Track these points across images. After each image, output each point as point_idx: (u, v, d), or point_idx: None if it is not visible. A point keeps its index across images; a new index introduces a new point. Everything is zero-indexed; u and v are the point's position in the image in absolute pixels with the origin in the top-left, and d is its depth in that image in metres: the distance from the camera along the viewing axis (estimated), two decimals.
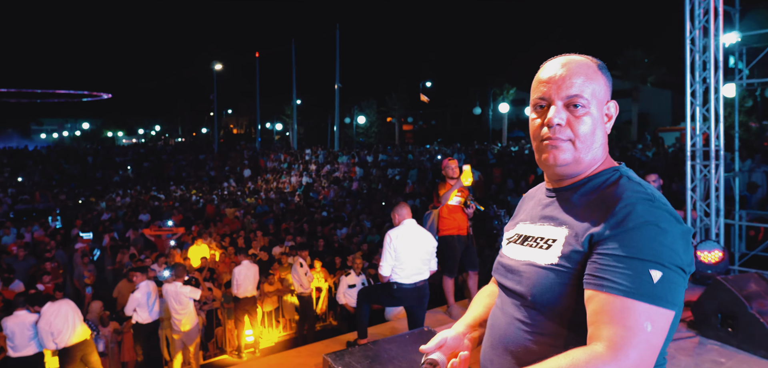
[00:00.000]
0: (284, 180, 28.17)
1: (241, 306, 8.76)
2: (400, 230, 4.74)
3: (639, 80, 27.94)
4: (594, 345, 1.07)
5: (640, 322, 1.05)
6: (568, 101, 1.25)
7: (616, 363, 1.03)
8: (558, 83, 1.26)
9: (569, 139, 1.25)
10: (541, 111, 1.29)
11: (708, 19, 5.67)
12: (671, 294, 1.07)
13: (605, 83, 1.29)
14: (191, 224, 15.67)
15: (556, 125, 1.24)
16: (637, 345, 1.04)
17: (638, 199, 1.13)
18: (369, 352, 3.63)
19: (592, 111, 1.25)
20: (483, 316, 1.52)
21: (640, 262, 1.07)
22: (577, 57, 1.30)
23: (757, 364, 3.56)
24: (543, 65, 1.34)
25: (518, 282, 1.28)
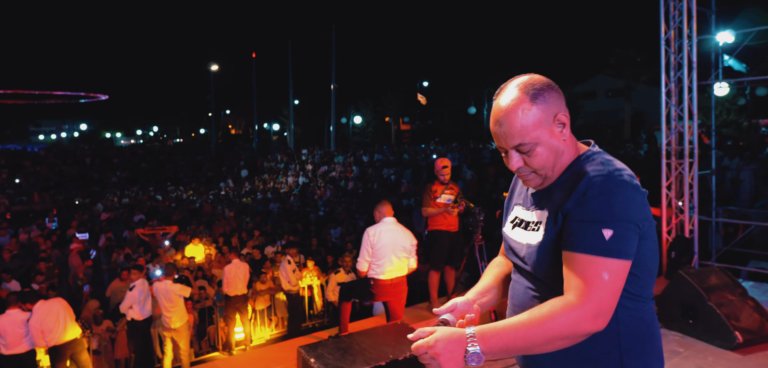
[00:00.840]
0: (281, 180, 28.29)
1: (232, 304, 8.90)
2: (378, 227, 4.88)
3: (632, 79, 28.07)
4: (566, 295, 1.33)
5: (598, 272, 1.30)
6: (516, 149, 1.45)
7: (582, 307, 1.29)
8: (502, 138, 1.46)
9: (532, 172, 1.48)
10: (505, 155, 1.51)
11: (682, 20, 5.81)
12: (622, 247, 1.32)
13: (543, 108, 1.43)
14: (187, 224, 15.80)
15: (516, 170, 1.50)
16: (597, 290, 1.30)
17: (596, 174, 1.37)
18: (342, 344, 3.78)
19: (541, 140, 1.43)
20: (491, 285, 1.73)
21: (595, 224, 1.32)
22: (510, 97, 1.44)
23: (712, 353, 3.71)
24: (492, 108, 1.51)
25: (522, 259, 1.54)
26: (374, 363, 3.50)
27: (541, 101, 1.43)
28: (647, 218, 1.38)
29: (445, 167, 5.85)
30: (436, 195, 5.82)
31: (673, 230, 5.93)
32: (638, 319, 1.43)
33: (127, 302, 7.80)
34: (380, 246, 4.77)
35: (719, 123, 20.67)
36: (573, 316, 1.29)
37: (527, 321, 1.33)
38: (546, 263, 1.44)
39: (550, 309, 1.32)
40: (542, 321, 1.31)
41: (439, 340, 1.34)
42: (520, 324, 1.33)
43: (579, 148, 1.52)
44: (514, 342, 1.32)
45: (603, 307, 1.30)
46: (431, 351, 1.33)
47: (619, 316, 1.39)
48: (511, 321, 1.35)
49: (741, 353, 3.70)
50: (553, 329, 1.30)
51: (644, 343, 1.44)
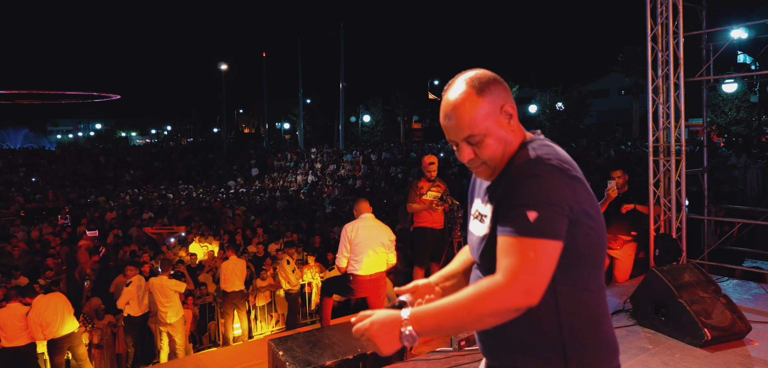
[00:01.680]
0: (290, 179, 28.49)
1: (229, 300, 9.02)
2: (356, 223, 4.94)
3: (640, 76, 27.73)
4: (494, 276, 1.36)
5: (524, 252, 1.33)
6: (466, 141, 1.50)
7: (508, 286, 1.33)
8: (452, 131, 1.51)
9: (482, 163, 1.52)
10: (456, 148, 1.55)
11: (667, 17, 5.77)
12: (547, 228, 1.34)
13: (489, 100, 1.48)
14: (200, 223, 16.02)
15: (467, 162, 1.53)
16: (522, 268, 1.32)
17: (524, 160, 1.43)
18: (312, 338, 3.85)
19: (489, 131, 1.48)
20: (456, 270, 1.78)
21: (520, 207, 1.36)
22: (458, 91, 1.49)
23: (680, 350, 3.70)
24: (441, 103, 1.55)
25: (474, 250, 1.59)
26: (342, 357, 3.57)
27: (487, 94, 1.48)
28: (578, 202, 1.40)
29: (432, 163, 5.89)
30: (422, 192, 5.86)
31: (661, 228, 5.89)
32: (581, 309, 1.44)
33: (124, 297, 7.96)
34: (358, 242, 4.82)
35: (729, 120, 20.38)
36: (499, 294, 1.33)
37: (456, 300, 1.37)
38: (489, 253, 1.47)
39: (477, 288, 1.36)
40: (470, 300, 1.35)
41: (374, 322, 1.40)
42: (450, 304, 1.37)
43: (525, 136, 1.55)
44: (445, 321, 1.37)
45: (529, 284, 1.32)
46: (368, 333, 1.40)
47: (560, 306, 1.42)
48: (442, 302, 1.39)
49: (709, 350, 3.69)
50: (481, 306, 1.33)
51: (589, 333, 1.45)
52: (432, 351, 3.80)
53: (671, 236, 5.46)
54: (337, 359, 3.54)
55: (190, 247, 12.40)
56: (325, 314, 5.12)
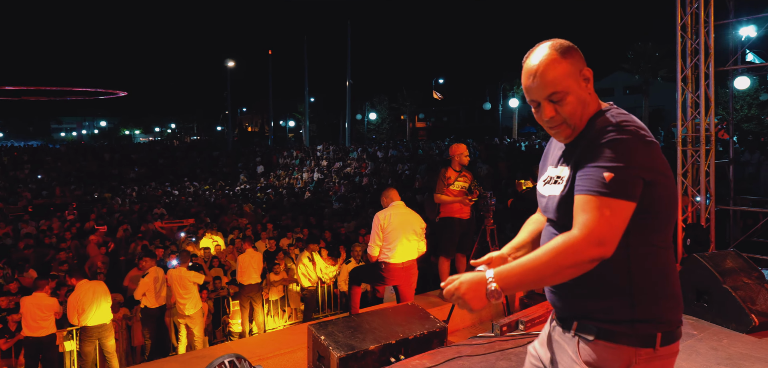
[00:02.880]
0: (296, 176, 28.48)
1: (246, 293, 8.98)
2: (388, 211, 4.89)
3: (650, 74, 27.68)
4: (571, 231, 1.48)
5: (598, 208, 1.45)
6: (550, 98, 1.62)
7: (585, 238, 1.45)
8: (536, 90, 1.64)
9: (563, 122, 1.63)
10: (536, 108, 1.68)
11: (699, 6, 5.72)
12: (621, 189, 1.45)
13: (571, 62, 1.62)
14: (205, 218, 16.01)
15: (548, 119, 1.65)
16: (597, 223, 1.44)
17: (604, 125, 1.54)
18: (352, 323, 3.80)
19: (570, 89, 1.60)
20: (526, 240, 1.92)
21: (598, 168, 1.48)
22: (542, 53, 1.63)
23: (727, 336, 3.65)
24: (524, 68, 1.67)
25: (549, 210, 1.70)
26: (384, 341, 3.52)
27: (568, 56, 1.62)
28: (654, 167, 1.50)
29: (462, 152, 5.81)
30: (449, 182, 5.79)
31: (690, 219, 5.84)
32: (650, 262, 1.55)
33: (141, 289, 7.92)
34: (391, 229, 4.77)
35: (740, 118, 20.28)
36: (577, 246, 1.44)
37: (536, 256, 1.50)
38: (565, 210, 1.58)
39: (555, 243, 1.48)
40: (550, 254, 1.47)
41: (463, 282, 1.56)
42: (530, 261, 1.50)
43: (601, 104, 1.67)
44: (527, 276, 1.51)
45: (603, 237, 1.44)
46: (458, 292, 1.54)
47: (631, 258, 1.53)
48: (523, 259, 1.53)
49: (757, 336, 3.64)
50: (560, 259, 1.46)
51: (657, 284, 1.55)
52: (473, 337, 3.75)
53: (702, 226, 5.40)
54: (380, 343, 3.49)
55: (201, 242, 12.36)
56: (354, 303, 5.06)
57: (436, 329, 3.76)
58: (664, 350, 1.55)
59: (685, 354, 3.37)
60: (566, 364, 1.64)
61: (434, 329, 3.76)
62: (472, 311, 1.57)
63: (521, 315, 3.92)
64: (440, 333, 3.77)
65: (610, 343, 1.55)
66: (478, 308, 1.55)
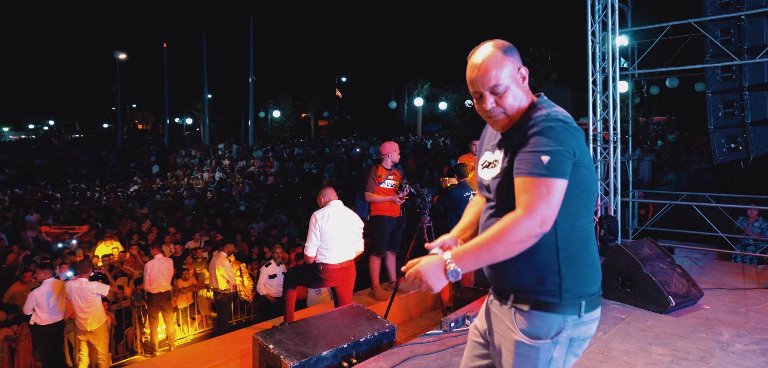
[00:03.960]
0: (196, 176, 27.07)
1: (155, 302, 8.34)
2: (326, 210, 4.75)
3: (543, 77, 29.69)
4: (516, 211, 1.64)
5: (539, 189, 1.62)
6: (492, 90, 1.80)
7: (529, 217, 1.61)
8: (480, 82, 1.80)
9: (502, 113, 1.81)
10: (478, 99, 1.85)
11: (606, 14, 6.19)
12: (557, 169, 1.64)
13: (511, 60, 1.82)
14: (96, 223, 14.65)
15: (489, 109, 1.81)
16: (538, 202, 1.62)
17: (537, 115, 1.73)
18: (299, 329, 3.63)
19: (509, 86, 1.79)
20: (471, 222, 2.05)
21: (535, 152, 1.65)
22: (487, 51, 1.81)
23: (650, 317, 3.97)
24: (468, 63, 1.84)
25: (488, 191, 1.88)
26: (336, 345, 3.41)
27: (509, 55, 1.82)
28: (580, 149, 1.71)
29: (394, 150, 5.80)
30: (380, 180, 5.76)
31: (599, 211, 6.31)
32: (574, 235, 1.75)
33: (30, 303, 7.07)
34: (328, 229, 4.64)
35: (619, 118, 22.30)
36: (522, 224, 1.61)
37: (488, 236, 1.66)
38: (502, 190, 1.78)
39: (504, 223, 1.64)
40: (498, 233, 1.64)
41: (423, 265, 1.69)
42: (483, 240, 1.67)
43: (533, 98, 1.87)
44: (481, 253, 1.66)
45: (544, 215, 1.62)
46: (419, 275, 1.67)
47: (557, 231, 1.72)
48: (476, 240, 1.69)
49: (674, 315, 3.99)
50: (508, 236, 1.62)
51: (580, 255, 1.76)
52: (423, 335, 3.75)
53: (614, 217, 5.85)
54: (332, 348, 3.37)
55: (98, 249, 11.30)
56: (289, 307, 4.85)
57: (385, 329, 3.71)
58: (587, 316, 1.76)
59: (620, 338, 3.61)
60: (504, 333, 1.80)
61: (384, 329, 3.70)
62: (433, 291, 1.68)
63: (467, 310, 3.99)
64: (390, 333, 3.72)
65: (542, 312, 1.73)
66: (439, 288, 1.67)
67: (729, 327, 3.77)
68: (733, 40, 5.63)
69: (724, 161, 5.93)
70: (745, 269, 5.46)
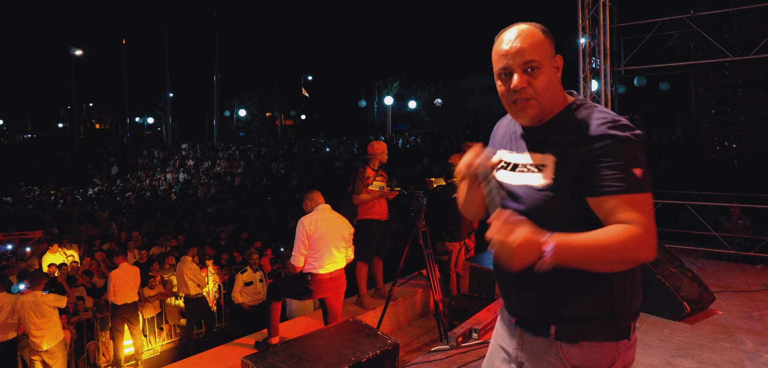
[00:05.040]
0: (158, 177, 26.08)
1: (120, 314, 7.76)
2: (314, 216, 4.38)
3: None
4: (630, 226, 1.39)
5: (645, 206, 1.43)
6: (525, 67, 1.52)
7: (648, 239, 1.40)
8: (515, 54, 1.52)
9: (532, 96, 1.53)
10: (505, 79, 1.56)
11: (597, 9, 6.02)
12: (649, 183, 1.47)
13: (550, 42, 1.57)
14: (51, 228, 13.77)
15: (518, 90, 1.52)
16: (652, 223, 1.42)
17: (607, 121, 1.48)
18: (294, 350, 3.25)
19: (545, 67, 1.53)
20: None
21: (628, 166, 1.43)
22: (523, 26, 1.57)
23: (666, 325, 3.76)
24: (499, 39, 1.58)
25: (520, 203, 1.57)
26: None
27: (548, 38, 1.57)
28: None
29: (383, 151, 5.46)
30: (368, 181, 5.42)
31: None
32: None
33: None
34: (318, 237, 4.27)
35: None
36: (641, 244, 1.39)
37: (600, 239, 1.39)
38: (549, 204, 1.51)
39: (621, 234, 1.38)
40: (614, 242, 1.38)
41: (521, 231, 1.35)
42: (591, 240, 1.39)
43: (566, 96, 1.63)
44: (582, 254, 1.39)
45: (655, 236, 1.43)
46: (511, 240, 1.35)
47: None
48: (585, 237, 1.40)
49: (688, 322, 3.80)
50: (621, 252, 1.39)
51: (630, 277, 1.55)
52: (430, 351, 3.43)
53: None
54: None
55: (53, 257, 10.55)
56: (273, 321, 4.45)
57: (387, 347, 3.37)
58: (633, 337, 1.58)
59: (641, 350, 3.38)
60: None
61: (386, 347, 3.36)
62: (511, 268, 1.38)
63: (473, 323, 3.69)
64: (393, 352, 3.39)
65: (595, 342, 1.51)
66: (520, 267, 1.37)
67: (749, 334, 3.60)
68: (726, 36, 5.52)
69: (716, 159, 5.84)
70: (744, 270, 5.36)
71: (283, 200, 17.77)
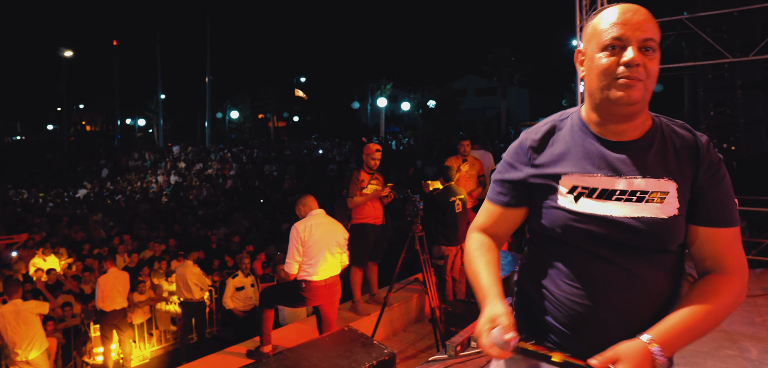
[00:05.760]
0: (150, 179, 25.83)
1: (109, 320, 7.59)
2: (308, 222, 4.26)
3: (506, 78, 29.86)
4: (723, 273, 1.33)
5: (740, 243, 1.36)
6: (642, 43, 1.31)
7: (742, 281, 1.34)
8: (635, 26, 1.31)
9: (643, 80, 1.32)
10: (615, 51, 1.32)
11: (595, 8, 5.94)
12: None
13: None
14: (39, 231, 13.55)
15: (635, 66, 1.30)
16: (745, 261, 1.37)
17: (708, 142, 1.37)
18: (287, 361, 3.12)
19: (658, 55, 1.35)
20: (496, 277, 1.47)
21: (729, 195, 1.35)
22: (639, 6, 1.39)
23: None
24: (608, 11, 1.36)
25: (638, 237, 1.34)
26: None
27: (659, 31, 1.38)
28: None
29: (378, 151, 5.36)
30: (363, 185, 5.31)
31: None
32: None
33: None
34: (312, 243, 4.15)
35: None
36: (738, 291, 1.32)
37: (700, 314, 1.28)
38: (675, 236, 1.35)
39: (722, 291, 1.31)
40: (717, 308, 1.29)
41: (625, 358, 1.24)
42: (693, 319, 1.28)
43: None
44: (690, 336, 1.29)
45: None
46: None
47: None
48: (684, 318, 1.28)
49: None
50: (726, 312, 1.31)
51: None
52: (428, 361, 3.33)
53: None
54: None
55: (44, 261, 10.36)
56: (266, 329, 4.33)
57: (384, 357, 3.25)
58: None
59: None
60: None
61: (383, 357, 3.24)
62: None
63: (472, 331, 3.58)
64: (389, 362, 3.26)
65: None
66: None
67: (752, 341, 3.52)
68: (725, 37, 5.46)
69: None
70: None
71: (275, 202, 17.64)
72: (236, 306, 8.13)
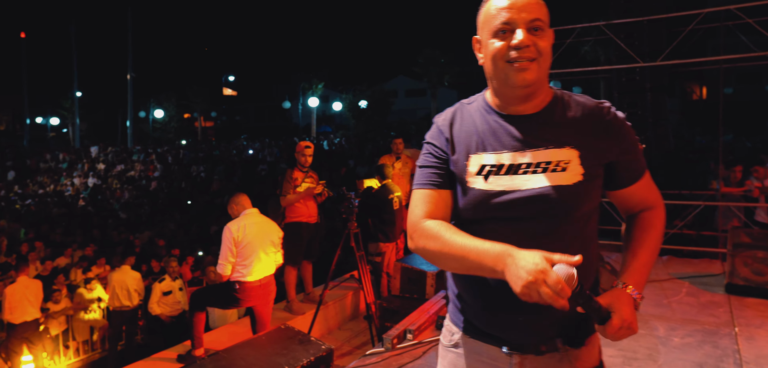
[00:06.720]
0: (64, 182, 24.17)
1: (18, 334, 7.05)
2: (241, 221, 4.17)
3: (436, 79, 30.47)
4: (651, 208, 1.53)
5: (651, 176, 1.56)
6: (530, 24, 1.37)
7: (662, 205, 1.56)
8: (521, 8, 1.37)
9: (534, 58, 1.37)
10: (505, 35, 1.38)
11: None
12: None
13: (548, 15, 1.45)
14: None
15: (525, 47, 1.35)
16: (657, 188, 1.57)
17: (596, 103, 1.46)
18: (223, 362, 3.06)
19: (548, 33, 1.40)
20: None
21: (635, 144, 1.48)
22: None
23: None
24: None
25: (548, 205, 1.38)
26: None
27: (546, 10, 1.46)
28: None
29: (308, 148, 5.33)
30: (296, 183, 5.27)
31: None
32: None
33: None
34: (246, 243, 4.07)
35: None
36: (664, 216, 1.54)
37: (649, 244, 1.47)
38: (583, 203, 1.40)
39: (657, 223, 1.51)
40: (658, 237, 1.50)
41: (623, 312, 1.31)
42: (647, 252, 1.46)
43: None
44: (650, 267, 1.46)
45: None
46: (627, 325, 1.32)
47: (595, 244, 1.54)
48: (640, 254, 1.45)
49: None
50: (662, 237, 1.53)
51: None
52: (365, 355, 3.36)
53: None
54: None
55: None
56: (197, 332, 4.19)
57: (321, 353, 3.26)
58: None
59: None
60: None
61: (320, 353, 3.25)
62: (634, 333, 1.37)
63: (407, 324, 3.66)
64: (327, 357, 3.28)
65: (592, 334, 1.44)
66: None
67: (660, 321, 3.84)
68: (636, 43, 5.90)
69: None
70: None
71: (203, 205, 17.07)
72: (163, 311, 7.80)
